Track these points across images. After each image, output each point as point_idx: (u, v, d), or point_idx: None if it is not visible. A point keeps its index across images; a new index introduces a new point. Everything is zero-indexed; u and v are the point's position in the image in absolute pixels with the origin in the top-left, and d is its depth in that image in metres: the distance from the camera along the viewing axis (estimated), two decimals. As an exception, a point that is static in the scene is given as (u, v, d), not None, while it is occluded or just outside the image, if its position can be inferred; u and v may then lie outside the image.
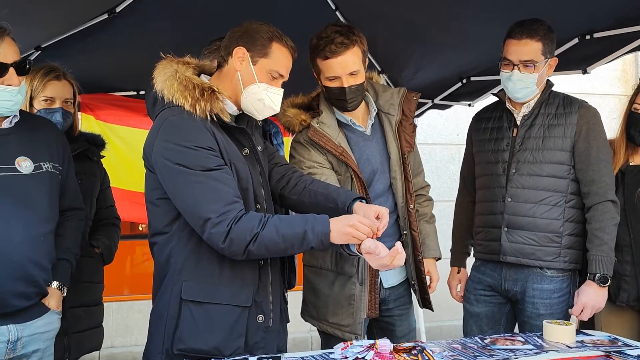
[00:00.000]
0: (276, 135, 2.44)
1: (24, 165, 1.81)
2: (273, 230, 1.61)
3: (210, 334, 1.67)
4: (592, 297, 2.12)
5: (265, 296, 1.78)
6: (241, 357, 1.63)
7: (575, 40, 2.73)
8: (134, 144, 3.58)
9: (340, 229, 1.64)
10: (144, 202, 1.83)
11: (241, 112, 1.83)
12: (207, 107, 1.67)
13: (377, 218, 1.74)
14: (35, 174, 1.82)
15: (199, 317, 1.68)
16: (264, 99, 1.77)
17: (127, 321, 4.51)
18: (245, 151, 1.78)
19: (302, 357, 1.69)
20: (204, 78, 1.81)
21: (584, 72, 2.91)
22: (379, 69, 3.67)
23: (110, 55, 3.14)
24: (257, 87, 1.75)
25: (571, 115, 2.21)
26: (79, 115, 3.51)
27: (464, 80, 3.49)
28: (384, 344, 1.39)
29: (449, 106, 3.88)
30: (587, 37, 2.67)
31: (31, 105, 2.25)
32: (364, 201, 1.87)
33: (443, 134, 5.75)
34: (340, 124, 2.15)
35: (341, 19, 3.07)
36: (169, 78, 1.70)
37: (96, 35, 2.90)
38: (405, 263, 2.19)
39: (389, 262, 1.63)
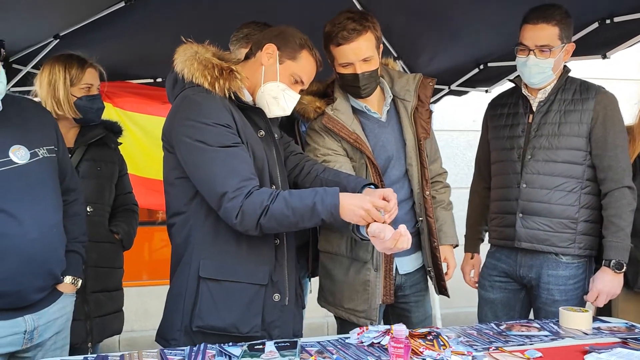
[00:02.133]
0: (305, 122, 2.44)
1: (19, 154, 1.72)
2: (283, 203, 1.64)
3: (228, 311, 1.71)
4: (607, 283, 2.11)
5: (282, 275, 1.81)
6: (259, 341, 1.65)
7: (595, 25, 2.69)
8: (151, 131, 3.60)
9: (352, 207, 1.65)
10: (161, 190, 1.85)
11: (255, 104, 1.85)
12: (226, 85, 1.71)
13: (384, 200, 1.75)
14: (33, 162, 1.74)
15: (217, 294, 1.71)
16: (279, 98, 1.80)
17: (146, 306, 4.59)
18: (261, 133, 1.81)
19: (318, 342, 1.71)
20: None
21: (604, 57, 2.86)
22: (395, 55, 3.65)
23: (127, 43, 3.16)
24: (276, 86, 1.80)
25: (588, 101, 2.18)
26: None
27: (481, 66, 3.45)
28: (400, 329, 1.40)
29: (465, 92, 3.85)
30: (607, 21, 2.63)
31: (70, 94, 2.29)
32: (372, 187, 1.88)
33: (459, 121, 5.71)
34: (355, 110, 2.15)
35: (356, 4, 3.05)
36: (189, 58, 1.74)
37: (114, 23, 2.92)
38: (421, 249, 2.20)
39: (392, 245, 1.64)
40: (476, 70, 3.51)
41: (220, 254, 1.74)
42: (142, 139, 3.67)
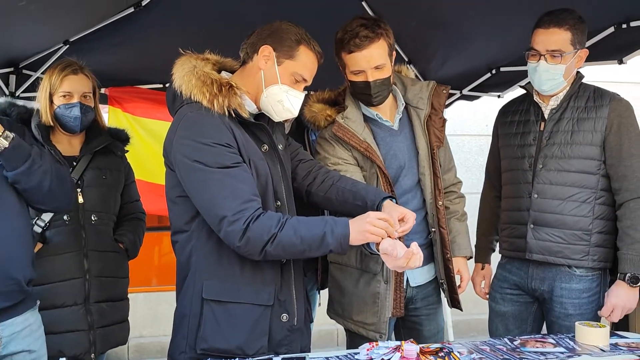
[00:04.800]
0: (315, 131, 2.40)
1: None
2: (291, 232, 1.59)
3: (233, 334, 1.66)
4: (622, 297, 2.06)
5: (289, 294, 1.76)
6: (265, 357, 1.62)
7: (611, 29, 2.64)
8: (160, 136, 3.56)
9: (358, 229, 1.62)
10: None
11: (260, 111, 1.80)
12: (225, 103, 1.64)
13: (401, 220, 1.71)
14: None
15: (221, 316, 1.67)
16: (283, 100, 1.74)
17: (155, 312, 4.57)
18: (265, 147, 1.75)
19: (326, 357, 1.68)
20: (225, 75, 1.79)
21: (620, 62, 2.80)
22: (406, 60, 3.62)
23: (137, 48, 3.15)
24: (279, 89, 1.73)
25: (602, 108, 2.13)
26: (106, 108, 3.57)
27: (494, 71, 3.41)
28: (411, 349, 1.37)
29: (477, 97, 3.81)
30: (624, 25, 2.58)
31: (51, 102, 2.25)
32: (393, 200, 1.83)
33: (472, 125, 5.66)
34: (367, 118, 2.11)
35: (367, 10, 3.02)
36: (187, 74, 1.68)
37: (123, 29, 2.92)
38: (433, 261, 2.16)
39: (404, 264, 1.60)
40: (488, 74, 3.47)
41: (224, 275, 1.69)
42: (151, 144, 3.66)
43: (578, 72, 2.22)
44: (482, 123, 5.51)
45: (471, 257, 2.29)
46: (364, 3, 3.03)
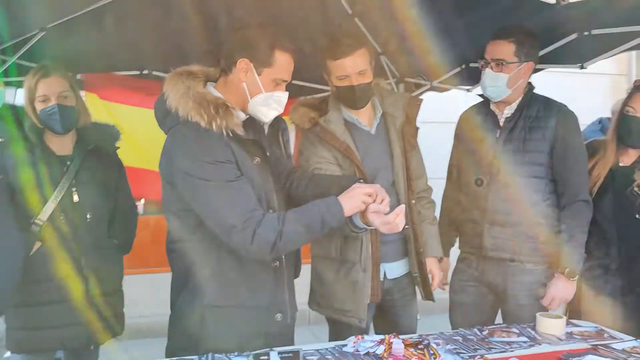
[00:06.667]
0: (284, 132, 2.51)
1: None
2: (294, 223, 1.73)
3: (232, 335, 1.80)
4: (560, 289, 2.30)
5: (282, 295, 1.91)
6: (263, 351, 1.76)
7: (574, 35, 2.80)
8: (135, 121, 3.62)
9: (348, 200, 1.79)
10: (148, 178, 1.87)
11: (248, 116, 1.89)
12: (223, 124, 1.73)
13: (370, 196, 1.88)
14: None
15: (221, 320, 1.80)
16: (269, 104, 1.84)
17: (159, 293, 4.56)
18: (257, 160, 1.85)
19: (317, 350, 1.83)
20: (210, 86, 1.86)
21: (581, 67, 2.99)
22: (380, 51, 3.75)
23: (114, 35, 3.14)
24: (263, 96, 1.82)
25: (550, 118, 2.33)
26: (82, 94, 3.55)
27: (463, 66, 3.55)
28: (398, 347, 1.53)
29: (447, 89, 3.95)
30: (586, 33, 2.73)
31: (34, 107, 2.27)
32: (362, 182, 2.00)
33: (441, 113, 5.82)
34: (348, 123, 2.27)
35: (345, 6, 3.11)
36: (182, 96, 1.75)
37: (100, 17, 2.90)
38: (408, 256, 2.34)
39: (392, 219, 1.78)
40: (458, 69, 3.61)
41: (223, 281, 1.81)
42: (127, 130, 3.66)
43: (529, 83, 2.42)
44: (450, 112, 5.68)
45: (442, 258, 2.47)
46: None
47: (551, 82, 3.28)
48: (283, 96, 1.87)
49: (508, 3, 2.61)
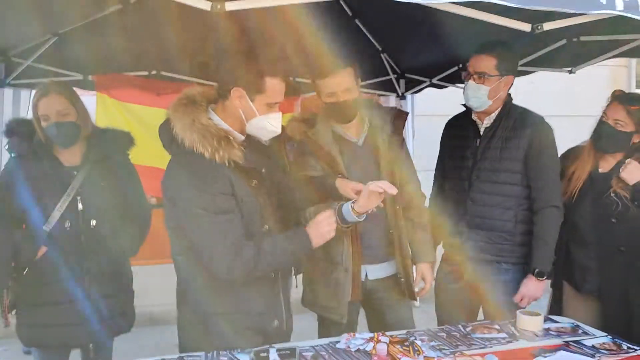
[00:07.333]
0: (288, 141, 2.69)
1: None
2: (268, 259, 1.92)
3: (233, 340, 1.97)
4: (530, 288, 2.48)
5: (278, 303, 2.09)
6: (262, 348, 1.94)
7: (563, 41, 2.91)
8: (146, 121, 3.78)
9: (320, 233, 2.00)
10: (157, 177, 2.04)
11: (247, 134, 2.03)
12: (226, 156, 1.87)
13: (358, 193, 2.12)
14: None
15: (222, 327, 1.97)
16: (266, 126, 1.98)
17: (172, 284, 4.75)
18: (254, 183, 1.98)
19: (313, 347, 2.02)
20: (212, 112, 1.98)
21: (570, 72, 3.11)
22: (380, 49, 3.88)
23: (124, 39, 3.28)
24: (259, 119, 1.95)
25: (525, 129, 2.48)
26: (94, 94, 3.72)
27: (460, 65, 3.67)
28: (382, 348, 1.71)
29: (445, 86, 4.08)
30: (575, 39, 2.85)
31: (40, 125, 2.36)
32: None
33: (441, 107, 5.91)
34: (335, 135, 2.44)
35: (344, 6, 3.23)
36: (188, 128, 1.88)
37: (111, 23, 3.03)
38: (393, 258, 2.49)
39: (375, 187, 2.02)
40: (455, 68, 3.73)
41: (222, 291, 1.96)
42: (137, 128, 3.82)
43: (508, 95, 2.56)
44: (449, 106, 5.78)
45: (434, 262, 2.63)
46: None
47: (552, 74, 3.43)
48: (277, 117, 2.00)
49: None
